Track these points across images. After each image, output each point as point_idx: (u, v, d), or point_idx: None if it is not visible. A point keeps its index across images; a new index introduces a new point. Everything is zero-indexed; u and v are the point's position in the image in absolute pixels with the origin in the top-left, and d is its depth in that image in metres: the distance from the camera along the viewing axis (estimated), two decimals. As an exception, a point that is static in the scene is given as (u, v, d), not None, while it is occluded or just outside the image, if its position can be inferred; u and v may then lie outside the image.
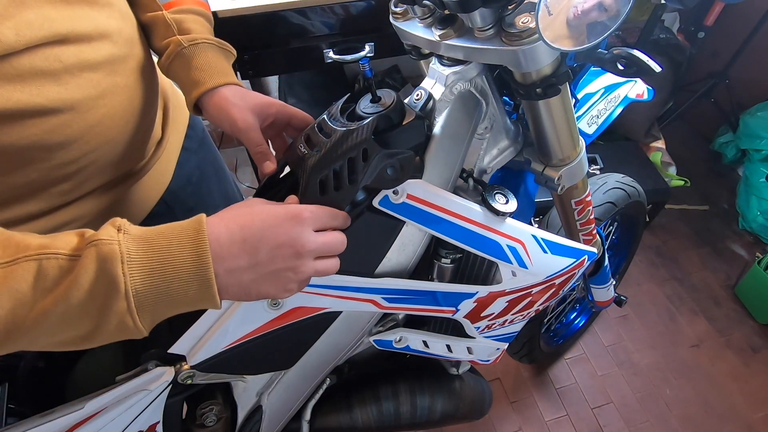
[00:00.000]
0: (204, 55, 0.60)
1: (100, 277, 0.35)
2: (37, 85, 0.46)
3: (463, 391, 0.78)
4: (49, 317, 0.35)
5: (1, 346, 0.36)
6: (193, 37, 0.60)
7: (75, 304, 0.35)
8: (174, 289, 0.38)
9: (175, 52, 0.59)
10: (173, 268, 0.37)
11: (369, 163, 0.47)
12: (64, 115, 0.49)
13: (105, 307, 0.36)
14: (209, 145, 0.85)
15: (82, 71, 0.49)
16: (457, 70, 0.54)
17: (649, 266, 1.81)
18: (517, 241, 0.56)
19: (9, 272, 0.35)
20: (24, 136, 0.46)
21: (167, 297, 0.38)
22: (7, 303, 0.34)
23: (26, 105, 0.45)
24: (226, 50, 0.63)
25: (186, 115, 0.78)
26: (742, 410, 1.44)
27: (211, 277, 0.38)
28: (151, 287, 0.37)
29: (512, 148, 0.64)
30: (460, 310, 0.61)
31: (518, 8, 0.45)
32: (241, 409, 0.62)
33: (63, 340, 0.38)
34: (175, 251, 0.38)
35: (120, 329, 0.38)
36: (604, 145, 1.83)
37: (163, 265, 0.37)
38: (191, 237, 0.38)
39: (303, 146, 0.50)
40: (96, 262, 0.36)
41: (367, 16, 1.33)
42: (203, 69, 0.59)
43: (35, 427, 0.46)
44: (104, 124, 0.54)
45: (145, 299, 0.37)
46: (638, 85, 0.83)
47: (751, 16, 1.84)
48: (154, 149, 0.67)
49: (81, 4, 0.49)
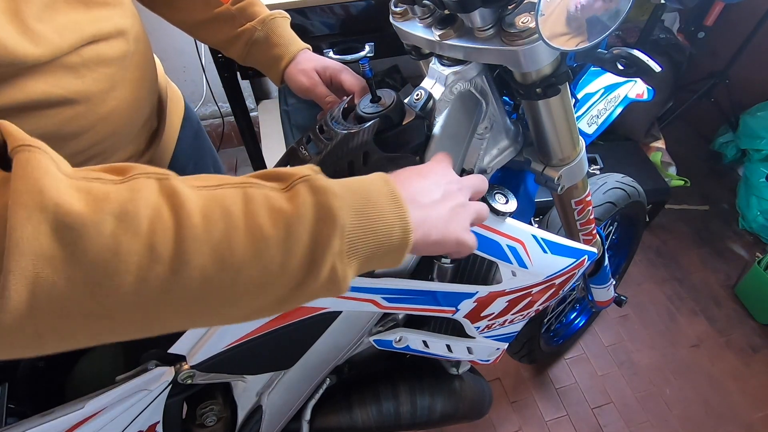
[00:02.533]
0: (274, 31, 0.67)
1: (317, 206, 0.33)
2: (59, 77, 0.48)
3: (463, 391, 0.78)
4: (269, 245, 0.31)
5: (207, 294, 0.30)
6: (261, 19, 0.67)
7: (294, 232, 0.32)
8: (379, 230, 0.36)
9: (252, 39, 0.66)
10: (374, 207, 0.36)
11: (370, 167, 0.47)
12: (80, 107, 0.51)
13: (324, 242, 0.33)
14: (204, 138, 0.88)
15: (98, 66, 0.52)
16: (457, 70, 0.54)
17: (649, 266, 1.81)
18: (517, 241, 0.56)
19: (218, 194, 0.31)
20: (41, 125, 0.48)
21: (374, 241, 0.35)
22: (220, 224, 0.30)
23: (48, 96, 0.47)
24: (285, 17, 0.70)
25: (181, 107, 0.80)
26: (742, 410, 1.44)
27: (408, 219, 0.37)
28: (360, 226, 0.35)
29: (512, 148, 0.64)
30: (460, 310, 0.61)
31: (518, 8, 0.45)
32: (241, 409, 0.62)
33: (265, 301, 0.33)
34: (374, 193, 0.36)
35: (329, 279, 0.34)
36: (604, 145, 1.83)
37: (365, 205, 0.35)
38: (383, 179, 0.38)
39: (304, 148, 0.50)
40: (311, 194, 0.33)
41: (367, 16, 1.33)
42: (279, 44, 0.67)
43: (35, 427, 0.46)
44: (113, 115, 0.56)
45: (356, 239, 0.34)
46: (638, 85, 0.83)
47: (751, 16, 1.84)
48: (151, 139, 0.69)
49: (99, 6, 0.52)
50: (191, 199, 0.30)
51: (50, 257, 0.25)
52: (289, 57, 0.66)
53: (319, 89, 0.65)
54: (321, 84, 0.65)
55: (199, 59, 1.74)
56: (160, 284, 0.28)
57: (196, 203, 0.30)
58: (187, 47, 1.76)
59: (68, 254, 0.26)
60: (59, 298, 0.26)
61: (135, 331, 0.31)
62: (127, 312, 0.29)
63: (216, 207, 0.30)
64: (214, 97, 1.98)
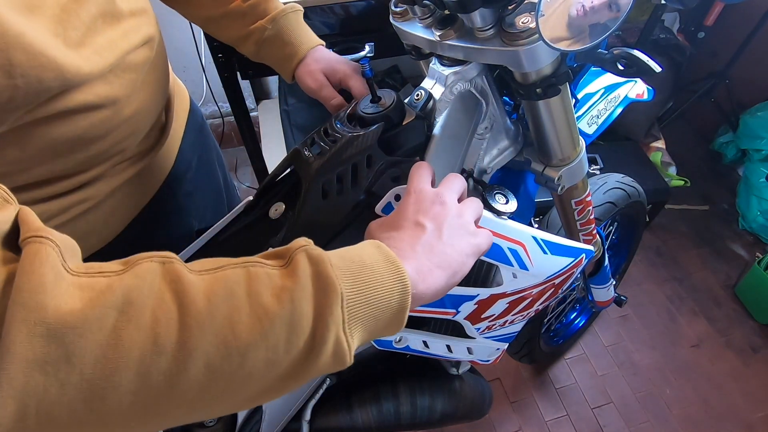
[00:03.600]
0: (286, 29, 0.65)
1: (316, 276, 0.32)
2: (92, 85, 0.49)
3: (463, 391, 0.78)
4: (274, 324, 0.30)
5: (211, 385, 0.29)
6: (272, 17, 0.65)
7: (298, 307, 0.31)
8: (378, 296, 0.34)
9: (263, 37, 0.65)
10: (371, 271, 0.35)
11: (373, 170, 0.48)
12: (107, 111, 0.52)
13: (326, 313, 0.32)
14: (208, 133, 0.88)
15: (125, 72, 0.53)
16: (457, 70, 0.54)
17: (649, 266, 1.81)
18: (518, 244, 0.56)
19: (220, 276, 0.31)
20: (72, 129, 0.49)
21: (374, 306, 0.34)
22: (223, 307, 0.29)
23: (81, 103, 0.48)
24: (297, 11, 0.68)
25: (187, 102, 0.80)
26: (742, 410, 1.44)
27: (405, 277, 0.36)
28: (359, 292, 0.33)
29: (512, 148, 0.64)
30: (460, 311, 0.61)
31: (518, 8, 0.45)
32: (241, 409, 0.62)
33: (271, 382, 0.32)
34: (367, 258, 0.36)
35: (335, 352, 0.33)
36: (604, 145, 1.83)
37: (362, 270, 0.34)
38: (374, 245, 0.37)
39: (308, 149, 0.50)
40: (310, 264, 0.33)
41: (367, 16, 1.33)
42: (290, 43, 0.65)
43: (35, 428, 0.46)
44: (134, 117, 0.57)
45: (357, 306, 0.33)
46: (638, 85, 0.83)
47: (751, 16, 1.84)
48: (160, 134, 0.70)
49: (128, 17, 0.53)
50: (194, 284, 0.29)
51: (43, 362, 0.24)
52: (299, 56, 0.66)
53: (325, 92, 0.64)
54: (327, 86, 0.64)
55: (199, 59, 1.74)
56: (163, 379, 0.27)
57: (198, 287, 0.29)
58: (187, 47, 1.75)
59: (63, 356, 0.24)
60: (49, 408, 0.24)
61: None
62: (122, 420, 0.27)
63: (220, 289, 0.30)
64: (214, 97, 1.98)
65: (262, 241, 0.52)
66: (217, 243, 0.63)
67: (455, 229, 0.42)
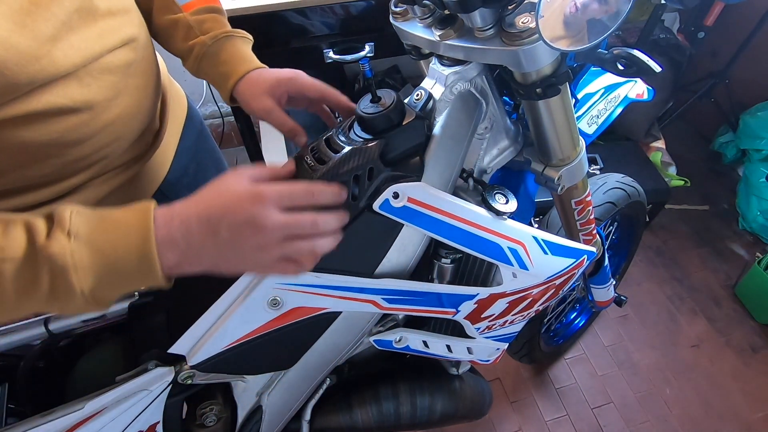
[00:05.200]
0: (226, 49, 0.63)
1: (56, 283, 0.38)
2: (63, 86, 0.48)
3: (463, 391, 0.78)
4: (12, 305, 0.38)
5: None
6: (214, 34, 0.62)
7: (38, 300, 0.39)
8: (125, 281, 0.41)
9: (202, 52, 0.62)
10: (119, 268, 0.40)
11: (374, 182, 0.48)
12: (83, 115, 0.51)
13: (66, 302, 0.39)
14: (207, 137, 0.87)
15: (103, 74, 0.52)
16: (457, 70, 0.54)
17: (649, 266, 1.81)
18: (518, 243, 0.56)
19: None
20: (45, 133, 0.49)
21: (118, 286, 0.41)
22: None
23: (53, 105, 0.47)
24: (244, 38, 0.66)
25: (184, 107, 0.79)
26: (742, 410, 1.44)
27: (157, 272, 0.40)
28: (102, 284, 0.40)
29: (512, 148, 0.64)
30: (460, 311, 0.61)
31: (518, 8, 0.45)
32: (241, 409, 0.62)
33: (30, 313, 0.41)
34: (121, 248, 0.40)
35: (85, 308, 0.41)
36: (604, 145, 1.83)
37: (110, 268, 0.40)
38: (137, 237, 0.40)
39: (310, 158, 0.50)
40: (50, 275, 0.38)
41: (367, 16, 1.33)
42: (228, 62, 0.62)
43: (35, 427, 0.46)
44: (116, 123, 0.56)
45: (99, 291, 0.40)
46: (638, 85, 0.83)
47: (751, 16, 1.84)
48: (152, 141, 0.69)
49: (106, 17, 0.52)
50: None
51: None
52: (235, 76, 0.60)
53: (274, 116, 0.58)
54: (275, 110, 0.58)
55: (199, 59, 1.74)
56: None
57: None
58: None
59: None
60: None
61: None
62: None
63: None
64: (214, 97, 1.98)
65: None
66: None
67: (244, 254, 0.43)
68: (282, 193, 0.43)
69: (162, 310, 0.59)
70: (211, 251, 0.42)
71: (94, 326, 0.61)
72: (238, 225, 0.41)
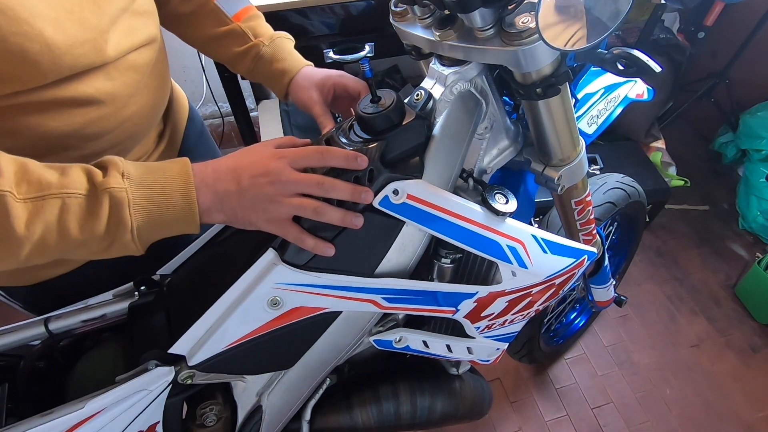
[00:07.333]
0: (280, 49, 0.70)
1: (113, 217, 0.43)
2: (93, 77, 0.51)
3: (463, 391, 0.78)
4: (72, 241, 0.42)
5: (35, 258, 0.43)
6: (269, 37, 0.70)
7: (95, 235, 0.43)
8: (167, 221, 0.46)
9: (259, 54, 0.69)
10: (166, 207, 0.45)
11: (374, 184, 0.49)
12: (105, 108, 0.54)
13: (116, 239, 0.44)
14: (207, 138, 0.89)
15: (128, 70, 0.55)
16: (457, 70, 0.54)
17: (649, 266, 1.81)
18: (517, 241, 0.56)
19: (40, 206, 0.40)
20: (67, 123, 0.51)
21: (161, 227, 0.46)
22: (39, 230, 0.41)
23: (81, 94, 0.50)
24: (290, 39, 0.74)
25: (186, 108, 0.81)
26: (743, 410, 1.44)
27: (195, 211, 0.46)
28: (149, 222, 0.45)
29: (512, 148, 0.64)
30: (460, 310, 0.61)
31: (518, 8, 0.45)
32: (241, 409, 0.62)
33: (80, 255, 0.45)
34: (168, 188, 0.45)
35: (125, 250, 0.46)
36: (604, 145, 1.83)
37: (158, 206, 0.45)
38: (180, 179, 0.46)
39: None
40: (110, 206, 0.43)
41: (367, 16, 1.33)
42: (283, 60, 0.69)
43: (35, 427, 0.46)
44: (132, 120, 0.59)
45: (144, 231, 0.45)
46: (638, 85, 0.83)
47: (751, 16, 1.84)
48: (157, 141, 0.70)
49: (137, 15, 0.56)
50: (18, 217, 0.39)
51: None
52: (292, 72, 0.69)
53: (316, 108, 0.67)
54: (319, 103, 0.67)
55: (199, 59, 1.74)
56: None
57: (21, 219, 0.40)
58: (187, 47, 1.75)
59: None
60: None
61: None
62: None
63: (38, 221, 0.41)
64: (214, 97, 1.98)
65: (261, 242, 0.52)
66: (216, 243, 0.63)
67: (258, 204, 0.47)
68: (297, 153, 0.49)
69: (162, 310, 0.59)
70: (233, 198, 0.47)
71: (94, 326, 0.60)
72: (257, 176, 0.47)
